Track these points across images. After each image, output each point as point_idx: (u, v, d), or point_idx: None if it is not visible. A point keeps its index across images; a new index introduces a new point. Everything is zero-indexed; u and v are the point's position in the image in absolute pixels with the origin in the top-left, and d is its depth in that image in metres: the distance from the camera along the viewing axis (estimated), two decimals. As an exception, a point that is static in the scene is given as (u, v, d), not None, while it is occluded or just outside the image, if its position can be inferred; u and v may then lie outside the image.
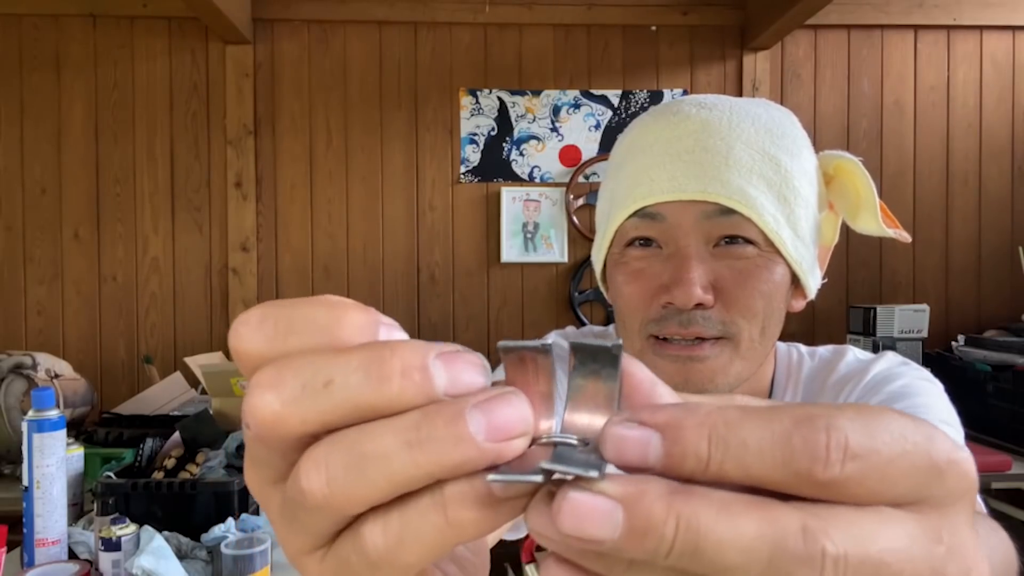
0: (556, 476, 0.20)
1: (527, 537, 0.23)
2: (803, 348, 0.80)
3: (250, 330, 0.21)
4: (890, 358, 0.74)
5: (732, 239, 0.64)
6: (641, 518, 0.18)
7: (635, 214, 0.66)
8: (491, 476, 0.19)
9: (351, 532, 0.21)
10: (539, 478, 0.19)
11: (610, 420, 0.20)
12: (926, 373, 0.73)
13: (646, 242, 0.67)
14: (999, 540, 0.43)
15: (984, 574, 0.20)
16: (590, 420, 0.21)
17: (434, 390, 0.19)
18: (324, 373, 0.20)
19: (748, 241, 0.64)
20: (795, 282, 0.69)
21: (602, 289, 0.76)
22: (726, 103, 0.67)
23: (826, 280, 0.74)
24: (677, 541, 0.18)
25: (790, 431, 0.18)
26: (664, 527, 0.18)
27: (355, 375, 0.19)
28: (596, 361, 0.21)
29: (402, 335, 0.21)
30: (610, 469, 0.19)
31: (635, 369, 0.22)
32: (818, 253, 0.72)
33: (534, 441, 0.21)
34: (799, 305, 0.72)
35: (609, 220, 0.69)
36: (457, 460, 0.19)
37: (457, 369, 0.20)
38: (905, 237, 0.70)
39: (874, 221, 0.68)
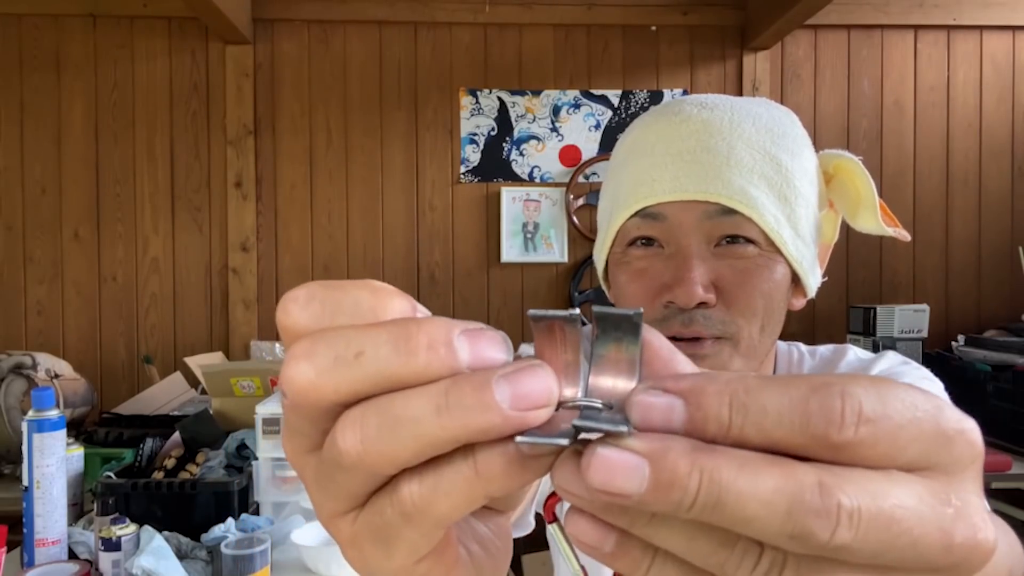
0: (581, 437, 0.21)
1: (550, 497, 0.22)
2: (803, 347, 0.81)
3: (298, 307, 0.22)
4: (891, 357, 0.75)
5: (733, 239, 0.65)
6: (667, 472, 0.19)
7: (637, 214, 0.66)
8: (519, 438, 0.20)
9: (387, 488, 0.22)
10: (566, 441, 0.20)
11: (636, 388, 0.21)
12: (926, 372, 0.73)
13: (648, 242, 0.67)
14: (1010, 540, 0.44)
15: (991, 538, 0.21)
16: (613, 385, 0.22)
17: (458, 364, 0.21)
18: (356, 345, 0.21)
19: (749, 241, 0.65)
20: (795, 281, 0.69)
21: (604, 288, 0.76)
22: (727, 103, 0.67)
23: (826, 279, 0.74)
24: (700, 494, 0.19)
25: (807, 396, 0.19)
26: (688, 481, 0.19)
27: (384, 347, 0.21)
28: (619, 329, 0.22)
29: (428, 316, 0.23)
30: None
31: (654, 338, 0.23)
32: (818, 251, 0.72)
33: (560, 405, 0.22)
34: (799, 303, 0.72)
35: (611, 220, 0.70)
36: (483, 426, 0.20)
37: (480, 345, 0.21)
38: (904, 236, 0.71)
39: (873, 219, 0.68)
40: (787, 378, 0.20)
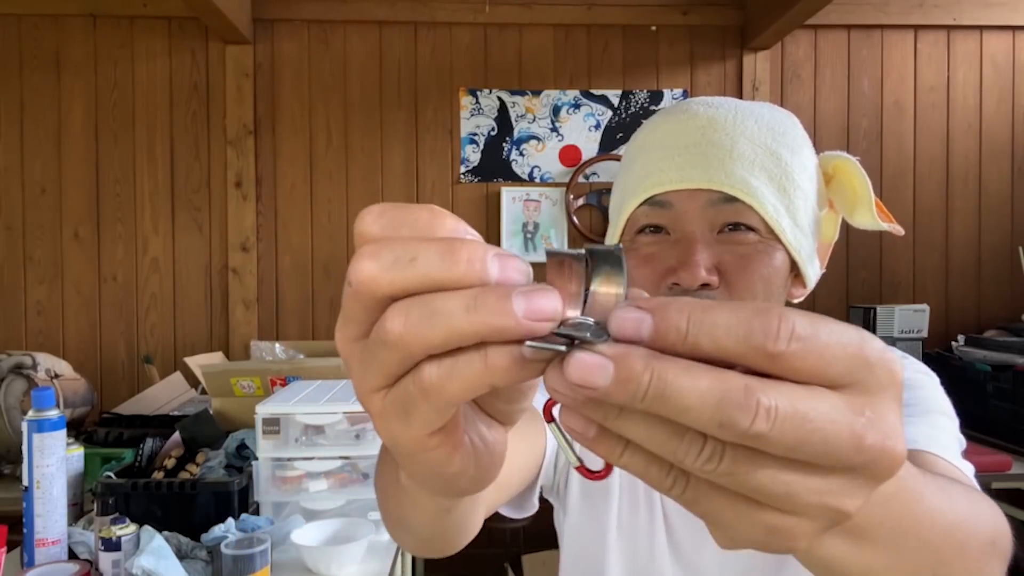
0: (576, 345, 0.26)
1: (548, 402, 0.26)
2: None
3: (372, 218, 0.28)
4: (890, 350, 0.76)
5: (735, 226, 0.69)
6: (625, 370, 0.24)
7: (646, 202, 0.71)
8: (528, 343, 0.26)
9: (413, 370, 0.27)
10: (563, 348, 0.26)
11: (616, 307, 0.26)
12: (924, 367, 0.76)
13: (656, 229, 0.72)
14: (994, 512, 0.49)
15: (899, 448, 0.26)
16: (603, 306, 0.28)
17: (488, 277, 0.26)
18: (411, 251, 0.26)
19: (750, 228, 0.69)
20: (794, 271, 0.73)
21: None
22: (731, 103, 0.72)
23: (824, 271, 0.78)
24: (650, 388, 0.24)
25: (751, 316, 0.24)
26: (642, 377, 0.24)
27: (433, 257, 0.26)
28: (607, 262, 0.28)
29: (477, 237, 0.28)
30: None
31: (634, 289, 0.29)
32: (819, 248, 0.76)
33: (563, 323, 0.27)
34: (799, 293, 0.76)
35: (621, 209, 0.74)
36: (500, 326, 0.25)
37: (508, 266, 0.27)
38: (898, 230, 0.74)
39: (869, 215, 0.72)
40: (737, 303, 0.25)
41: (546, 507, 0.86)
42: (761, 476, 0.25)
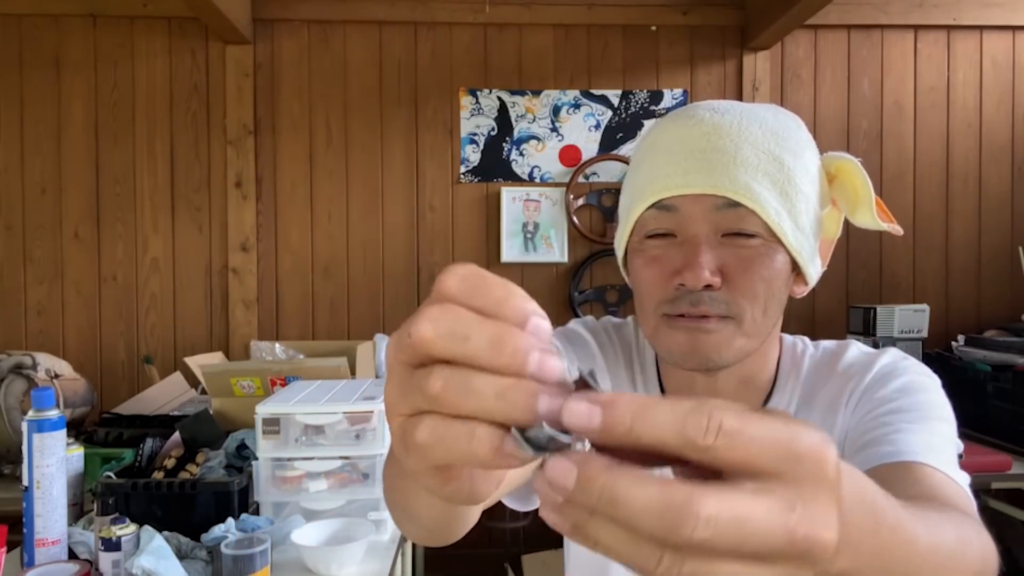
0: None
1: None
2: (808, 341, 0.87)
3: (454, 280, 0.31)
4: (893, 353, 0.80)
5: (739, 229, 0.71)
6: (584, 475, 0.27)
7: (652, 206, 0.74)
8: (512, 432, 0.29)
9: (415, 419, 0.31)
10: (530, 452, 0.29)
11: (570, 396, 0.29)
12: (926, 369, 0.78)
13: (662, 233, 0.74)
14: (983, 543, 0.51)
15: (831, 539, 0.28)
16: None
17: (525, 372, 0.29)
18: (467, 329, 0.30)
19: (752, 232, 0.71)
20: (796, 270, 0.76)
21: (623, 273, 0.83)
22: (737, 108, 0.74)
23: (825, 269, 0.80)
24: (603, 494, 0.27)
25: (686, 414, 0.27)
26: (595, 482, 0.27)
27: (484, 341, 0.30)
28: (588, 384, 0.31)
29: (545, 323, 0.31)
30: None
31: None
32: (821, 245, 0.79)
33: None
34: (801, 291, 0.79)
35: (630, 212, 0.77)
36: (520, 419, 0.29)
37: (546, 366, 0.30)
38: (898, 230, 0.77)
39: (869, 215, 0.75)
40: (675, 400, 0.28)
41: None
42: (719, 571, 0.27)
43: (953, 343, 2.64)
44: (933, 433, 0.69)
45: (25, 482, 1.24)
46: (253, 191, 2.81)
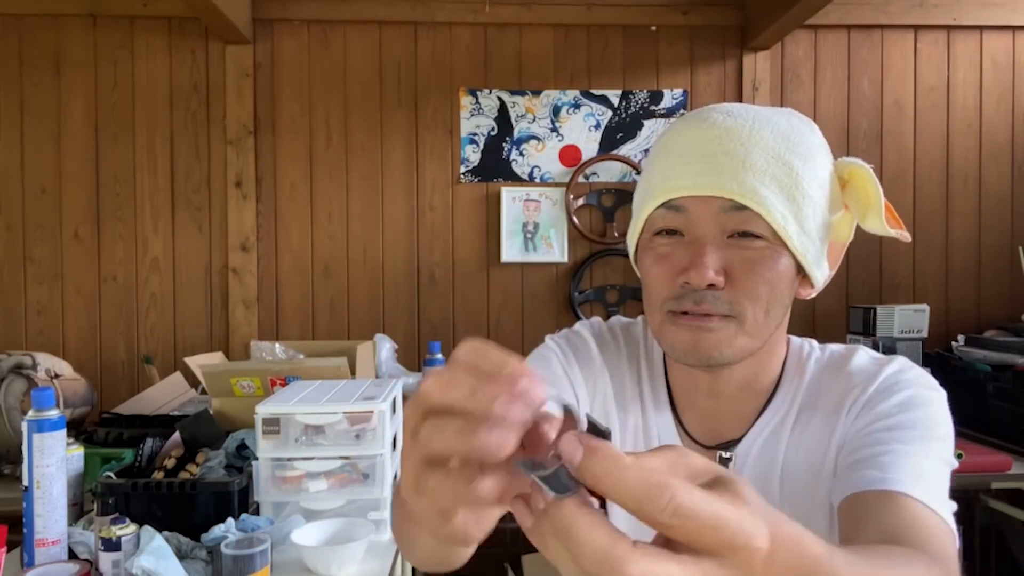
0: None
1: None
2: (815, 344, 0.88)
3: (469, 350, 0.37)
4: (900, 362, 0.81)
5: (744, 232, 0.73)
6: (552, 507, 0.33)
7: (662, 205, 0.76)
8: (532, 476, 0.34)
9: (427, 473, 0.37)
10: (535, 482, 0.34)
11: (567, 434, 0.34)
12: (931, 381, 0.79)
13: (671, 231, 0.76)
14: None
15: None
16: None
17: (493, 413, 0.34)
18: (457, 382, 0.35)
19: (758, 234, 0.73)
20: (802, 273, 0.77)
21: (635, 268, 0.85)
22: (750, 112, 0.76)
23: (834, 271, 0.82)
24: (563, 527, 0.32)
25: (650, 487, 0.31)
26: (560, 516, 0.32)
27: (466, 390, 0.35)
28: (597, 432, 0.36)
29: (539, 386, 0.35)
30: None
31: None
32: (831, 249, 0.81)
33: (539, 465, 0.35)
34: (807, 293, 0.80)
35: (641, 209, 0.79)
36: (476, 455, 0.35)
37: (512, 412, 0.34)
38: (906, 237, 0.79)
39: (879, 221, 0.77)
40: (646, 468, 0.32)
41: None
42: None
43: (953, 343, 2.64)
44: (927, 455, 0.70)
45: (25, 482, 1.24)
46: (253, 191, 2.81)
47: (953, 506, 0.68)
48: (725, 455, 0.82)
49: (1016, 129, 2.97)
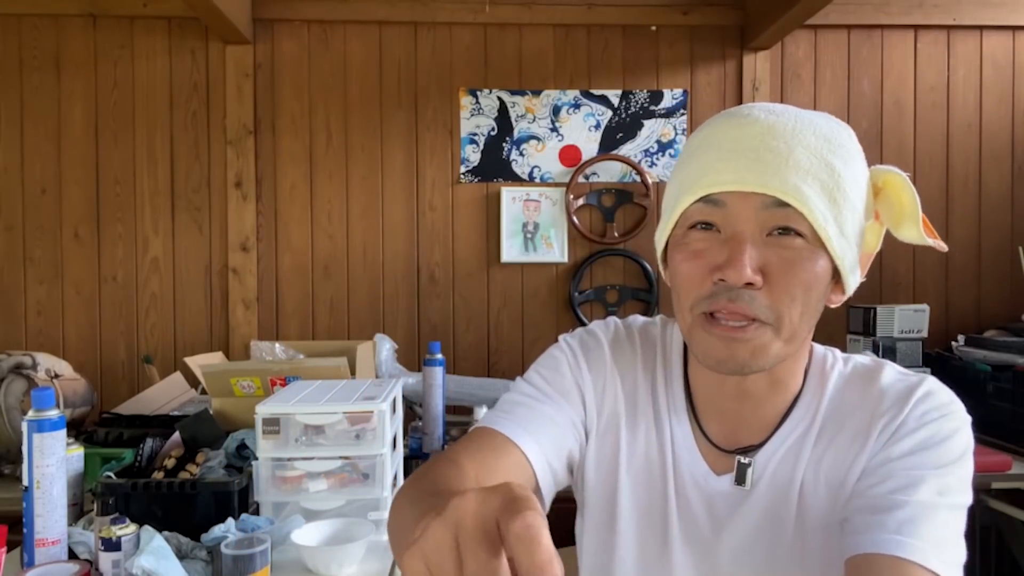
0: None
1: None
2: (838, 353, 0.86)
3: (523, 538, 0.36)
4: (929, 384, 0.78)
5: (784, 230, 0.72)
6: None
7: (700, 199, 0.74)
8: None
9: None
10: None
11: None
12: (960, 408, 0.76)
13: (707, 226, 0.74)
14: None
15: None
16: None
17: None
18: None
19: (797, 234, 0.71)
20: (835, 278, 0.76)
21: (660, 268, 0.83)
22: (792, 112, 0.75)
23: (864, 280, 0.80)
24: None
25: None
26: None
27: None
28: None
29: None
30: None
31: None
32: (861, 258, 0.79)
33: None
34: (837, 300, 0.78)
35: (677, 203, 0.77)
36: None
37: None
38: (942, 247, 0.78)
39: (915, 231, 0.77)
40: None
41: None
42: None
43: (953, 343, 2.64)
44: (948, 511, 0.69)
45: (25, 482, 1.24)
46: (253, 191, 2.81)
47: (962, 558, 0.67)
48: (744, 460, 0.80)
49: (1016, 129, 2.97)
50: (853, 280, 0.77)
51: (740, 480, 0.80)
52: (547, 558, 0.34)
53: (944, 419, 0.74)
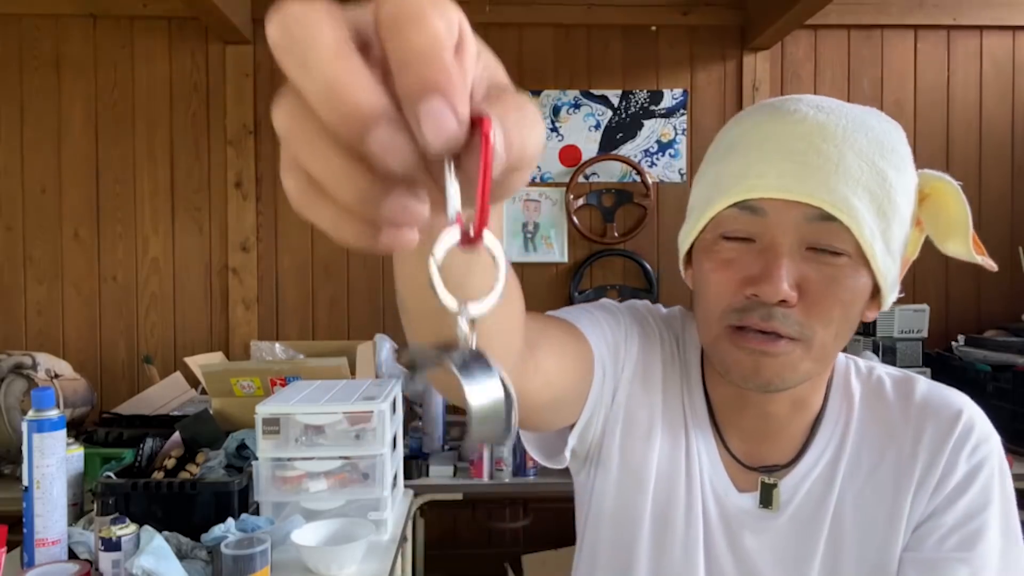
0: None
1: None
2: (860, 362, 0.82)
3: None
4: (970, 413, 0.74)
5: (827, 244, 0.65)
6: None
7: (736, 204, 0.67)
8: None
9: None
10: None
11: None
12: (998, 441, 0.74)
13: (741, 235, 0.68)
14: None
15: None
16: None
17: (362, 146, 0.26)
18: (308, 50, 0.26)
19: (841, 250, 0.65)
20: (874, 293, 0.70)
21: (681, 271, 0.77)
22: (843, 109, 0.67)
23: (903, 294, 0.75)
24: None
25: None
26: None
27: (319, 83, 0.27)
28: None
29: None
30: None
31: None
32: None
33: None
34: (871, 315, 0.72)
35: (707, 206, 0.69)
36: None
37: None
38: (991, 265, 0.72)
39: (964, 246, 0.70)
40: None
41: (547, 509, 0.86)
42: None
43: (953, 343, 2.64)
44: (1014, 543, 0.69)
45: (25, 482, 1.24)
46: (253, 191, 2.81)
47: None
48: (768, 480, 0.75)
49: (1016, 129, 2.97)
50: (892, 296, 0.71)
51: (766, 502, 0.74)
52: (429, 41, 0.24)
53: (990, 458, 0.72)
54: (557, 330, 0.67)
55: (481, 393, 0.28)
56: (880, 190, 0.64)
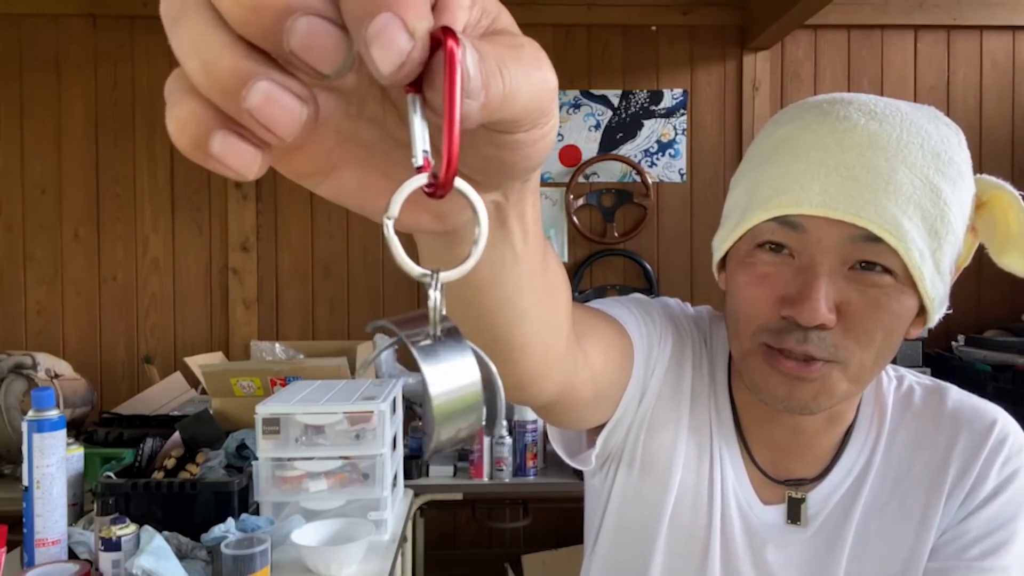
0: None
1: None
2: (890, 371, 0.78)
3: None
4: (1003, 424, 0.72)
5: (871, 264, 0.61)
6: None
7: (775, 219, 0.63)
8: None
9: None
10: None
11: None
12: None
13: (779, 247, 0.64)
14: None
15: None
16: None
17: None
18: None
19: (887, 271, 0.61)
20: (920, 312, 0.66)
21: (715, 276, 0.74)
22: (898, 115, 0.62)
23: (951, 311, 0.70)
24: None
25: None
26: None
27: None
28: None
29: None
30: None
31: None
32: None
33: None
34: (917, 332, 0.69)
35: (744, 216, 0.65)
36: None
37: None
38: None
39: (1021, 261, 0.65)
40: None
41: (547, 509, 0.85)
42: None
43: (953, 343, 2.64)
44: None
45: (25, 482, 1.24)
46: (253, 191, 2.81)
47: None
48: (796, 495, 0.72)
49: (1016, 129, 2.97)
50: (940, 314, 0.67)
51: (794, 518, 0.72)
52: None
53: (1021, 470, 0.70)
54: (602, 322, 0.65)
55: (446, 377, 0.23)
56: (934, 208, 0.60)
